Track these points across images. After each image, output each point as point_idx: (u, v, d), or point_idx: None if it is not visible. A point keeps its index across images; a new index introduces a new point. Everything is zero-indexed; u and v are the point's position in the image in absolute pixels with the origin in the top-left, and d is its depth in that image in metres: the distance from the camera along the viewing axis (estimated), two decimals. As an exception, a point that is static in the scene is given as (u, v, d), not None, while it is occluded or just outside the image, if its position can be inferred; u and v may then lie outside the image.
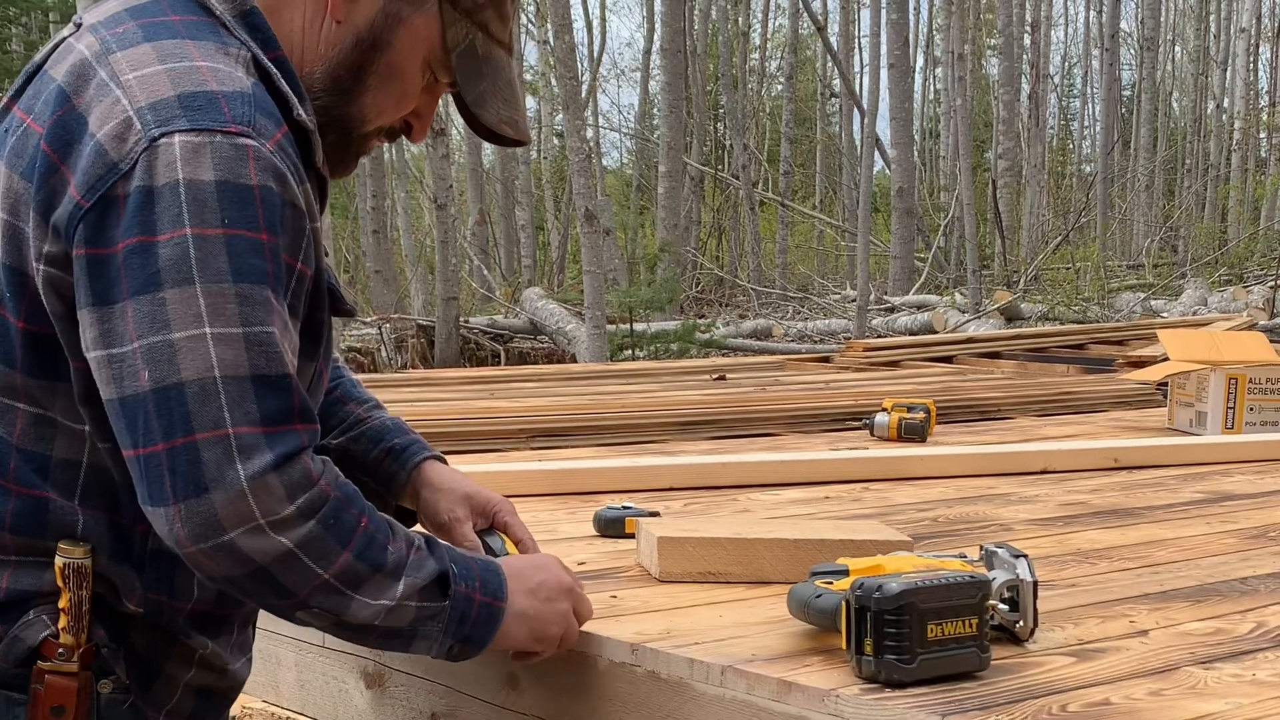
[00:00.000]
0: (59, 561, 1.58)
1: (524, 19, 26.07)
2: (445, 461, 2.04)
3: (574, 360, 13.47)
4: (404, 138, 1.84)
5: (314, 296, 1.63)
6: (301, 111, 1.61)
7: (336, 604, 1.56)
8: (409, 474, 2.00)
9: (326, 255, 1.70)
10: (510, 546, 1.94)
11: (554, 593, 1.78)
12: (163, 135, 1.47)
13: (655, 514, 2.70)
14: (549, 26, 24.15)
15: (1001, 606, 1.80)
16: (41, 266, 1.53)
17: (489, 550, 1.88)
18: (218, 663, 1.73)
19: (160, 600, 1.64)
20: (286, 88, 1.60)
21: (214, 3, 1.62)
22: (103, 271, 1.48)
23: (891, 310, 18.34)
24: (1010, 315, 16.59)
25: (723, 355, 13.93)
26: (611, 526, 2.67)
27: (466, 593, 1.65)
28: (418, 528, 1.90)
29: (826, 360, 8.24)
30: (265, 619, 2.44)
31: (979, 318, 16.14)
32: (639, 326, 14.35)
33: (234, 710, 3.79)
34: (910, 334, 15.69)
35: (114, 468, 1.59)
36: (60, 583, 1.58)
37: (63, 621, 1.58)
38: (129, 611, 1.63)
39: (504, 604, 1.69)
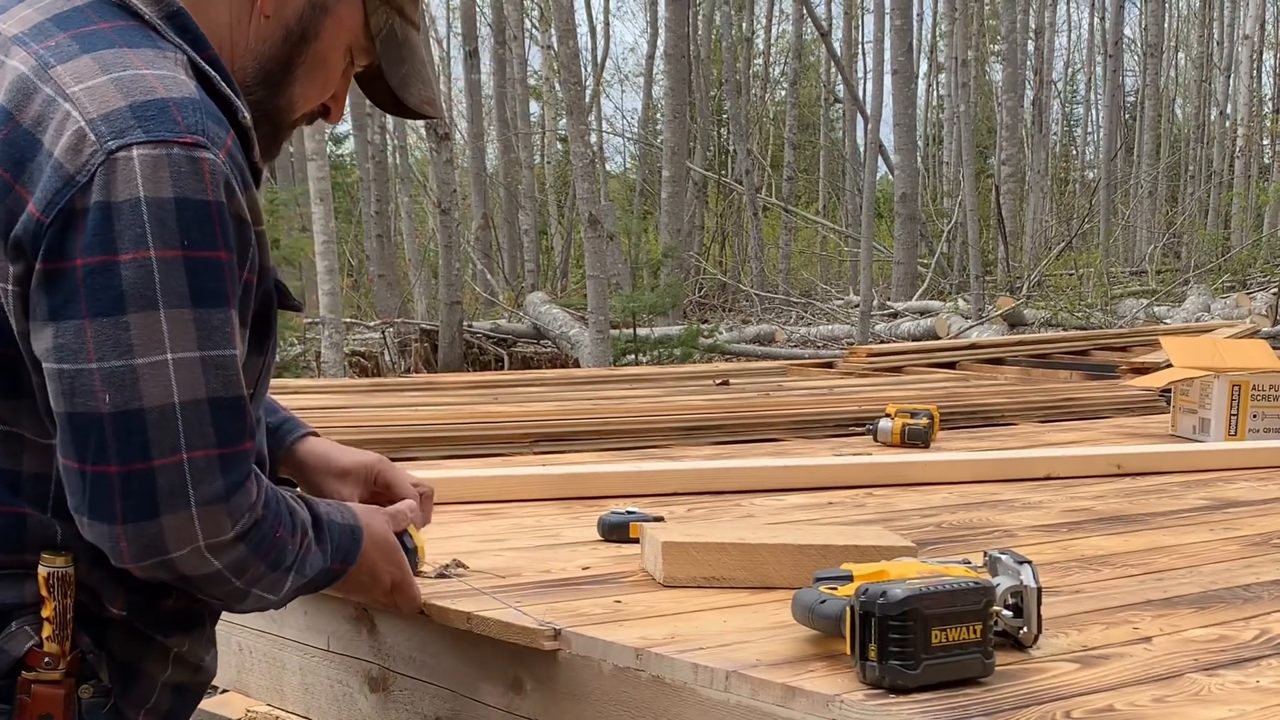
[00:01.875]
0: (43, 571, 1.59)
1: (528, 24, 26.11)
2: (318, 435, 2.12)
3: (577, 365, 13.47)
4: (322, 120, 1.87)
5: (262, 297, 1.66)
6: (246, 114, 1.63)
7: (237, 599, 1.66)
8: (284, 451, 2.06)
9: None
10: (418, 538, 2.04)
11: (382, 568, 1.91)
12: (120, 148, 1.47)
13: (659, 519, 2.70)
14: (553, 32, 24.18)
15: (1005, 613, 1.80)
16: (9, 286, 1.52)
17: (401, 544, 1.97)
18: (192, 659, 1.76)
19: (143, 600, 1.66)
20: (228, 90, 1.61)
21: (139, 6, 1.61)
22: (60, 286, 1.48)
23: (894, 316, 18.33)
24: (1013, 321, 16.58)
25: (725, 360, 13.92)
26: (615, 531, 2.67)
27: (331, 567, 1.77)
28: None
29: (830, 366, 8.24)
30: (269, 625, 2.45)
31: (982, 324, 16.14)
32: (642, 331, 14.35)
33: (238, 713, 3.79)
34: (913, 340, 15.69)
35: None
36: (45, 592, 1.59)
37: (47, 630, 1.59)
38: (111, 616, 1.65)
39: (348, 569, 1.81)
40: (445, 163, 15.63)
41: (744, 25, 29.70)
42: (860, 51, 33.03)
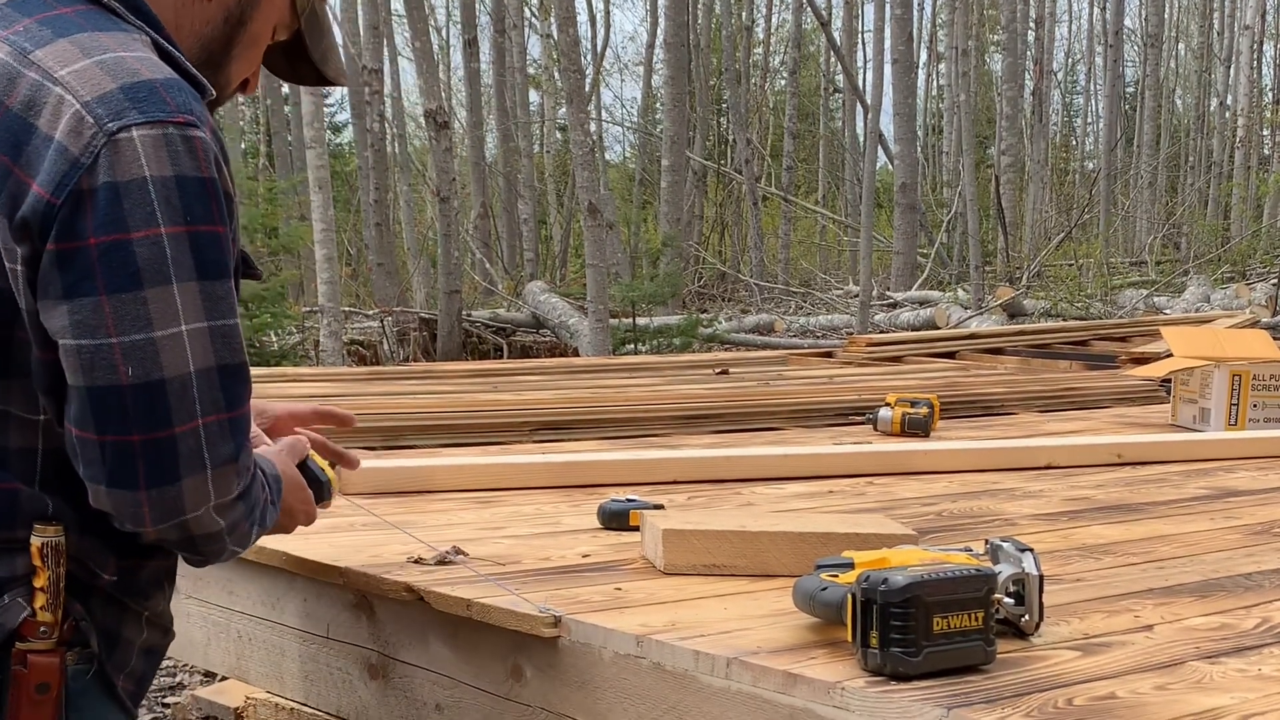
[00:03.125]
0: (36, 542, 1.61)
1: (527, 13, 26.06)
2: None
3: (576, 354, 13.46)
4: (240, 93, 1.92)
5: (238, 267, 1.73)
6: (212, 93, 1.69)
7: (217, 556, 1.72)
8: None
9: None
10: (329, 472, 2.08)
11: (296, 505, 1.97)
12: (120, 130, 1.51)
13: (659, 507, 2.70)
14: (553, 20, 24.13)
15: (1007, 600, 1.80)
16: (17, 267, 1.55)
17: (309, 473, 2.03)
18: (161, 622, 1.82)
19: (130, 565, 1.71)
20: (194, 70, 1.66)
21: None
22: (75, 265, 1.51)
23: (894, 306, 18.32)
24: (1013, 311, 16.58)
25: (725, 350, 13.92)
26: (616, 519, 2.67)
27: (272, 520, 1.82)
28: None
29: (829, 355, 8.24)
30: (269, 612, 2.44)
31: (981, 314, 16.13)
32: (641, 321, 14.33)
33: (237, 701, 3.79)
34: (913, 330, 15.68)
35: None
36: (39, 562, 1.61)
37: (40, 600, 1.61)
38: (101, 583, 1.69)
39: (279, 507, 1.84)
40: (444, 151, 15.60)
41: (744, 14, 29.66)
42: (860, 41, 32.96)
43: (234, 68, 1.81)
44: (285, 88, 21.51)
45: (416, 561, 2.29)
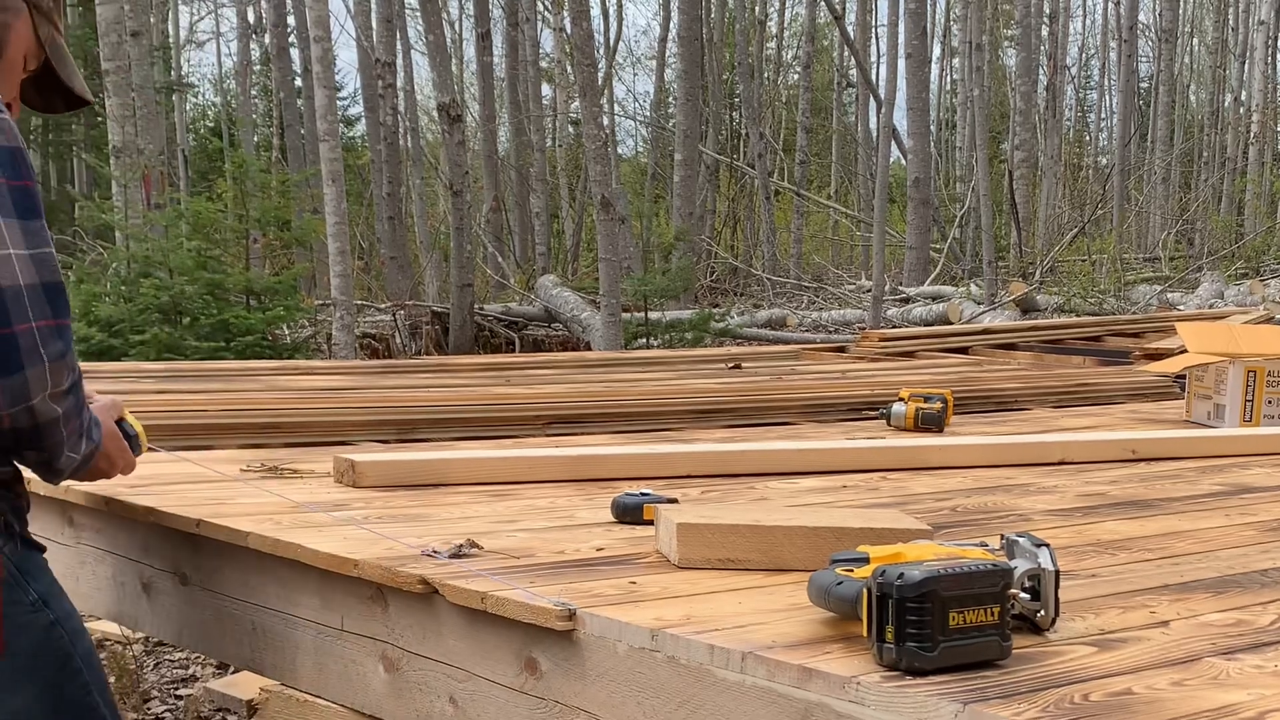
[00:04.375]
0: None
1: (541, 6, 26.02)
2: None
3: (588, 348, 13.46)
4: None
5: None
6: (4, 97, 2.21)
7: (57, 452, 2.12)
8: None
9: None
10: (138, 427, 2.47)
11: (114, 451, 2.37)
12: None
13: (673, 501, 2.69)
14: (566, 14, 24.10)
15: (1023, 595, 1.79)
16: None
17: (123, 428, 2.42)
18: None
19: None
20: None
21: None
22: None
23: (906, 301, 18.29)
24: (1026, 307, 16.54)
25: (737, 344, 13.91)
26: (630, 513, 2.67)
27: (97, 441, 2.23)
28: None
29: (842, 350, 8.23)
30: (284, 605, 2.45)
31: (994, 309, 16.10)
32: (653, 315, 14.32)
33: (249, 694, 3.79)
34: (925, 324, 15.65)
35: None
36: None
37: None
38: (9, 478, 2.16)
39: (97, 451, 2.24)
40: (457, 145, 15.60)
41: (757, 8, 29.62)
42: (874, 35, 32.91)
43: None
44: (298, 80, 21.53)
45: (431, 554, 2.29)
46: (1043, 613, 1.81)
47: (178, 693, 5.09)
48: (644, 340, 13.76)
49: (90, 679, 2.24)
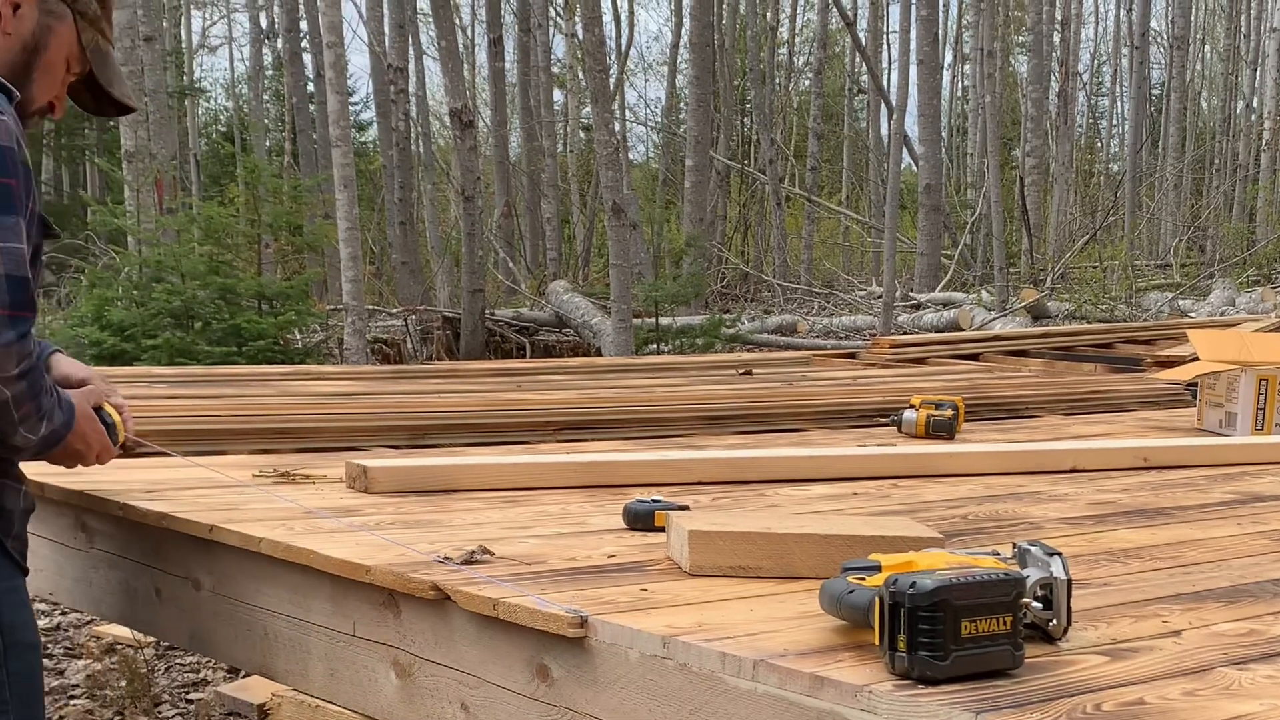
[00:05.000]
0: None
1: (552, 12, 26.04)
2: (63, 352, 2.77)
3: (599, 353, 13.46)
4: (50, 115, 2.52)
5: (32, 224, 2.28)
6: (18, 95, 2.34)
7: (11, 432, 2.26)
8: (42, 361, 2.61)
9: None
10: (115, 415, 2.59)
11: (90, 436, 2.50)
12: None
13: (685, 508, 2.70)
14: (578, 20, 24.12)
15: (1035, 604, 1.79)
16: None
17: (100, 419, 2.54)
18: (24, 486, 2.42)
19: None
20: (6, 83, 2.33)
21: None
22: None
23: (917, 307, 18.29)
24: (1037, 314, 16.54)
25: (747, 350, 13.91)
26: (641, 519, 2.67)
27: (61, 422, 2.36)
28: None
29: (852, 356, 8.22)
30: (295, 610, 2.45)
31: (1005, 315, 16.09)
32: (664, 320, 14.33)
33: (261, 698, 3.79)
34: (936, 331, 15.65)
35: None
36: None
37: None
38: None
39: (67, 435, 2.40)
40: (469, 150, 15.62)
41: (769, 14, 29.64)
42: (885, 42, 32.93)
43: (35, 88, 2.40)
44: (310, 85, 21.58)
45: (443, 560, 2.29)
46: (1055, 622, 1.81)
47: (189, 697, 5.10)
48: (655, 346, 13.77)
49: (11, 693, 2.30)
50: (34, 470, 3.06)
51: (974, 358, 8.06)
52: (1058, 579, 1.80)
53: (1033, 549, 1.88)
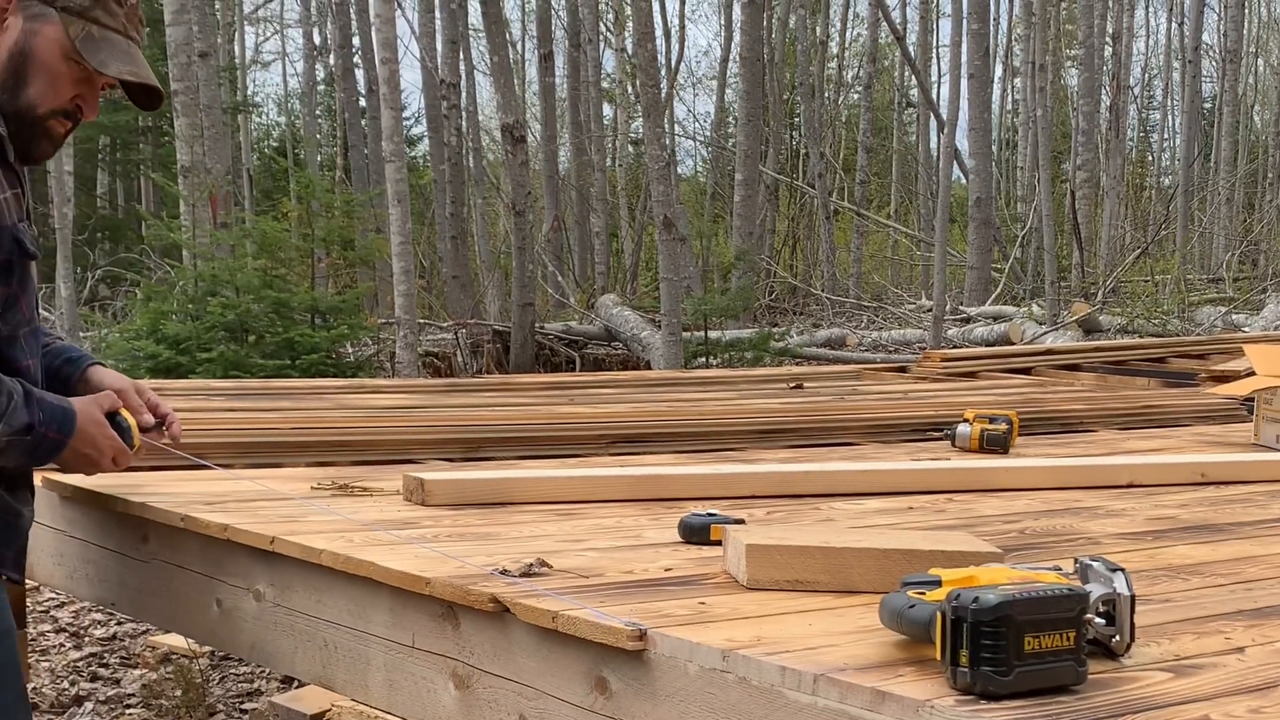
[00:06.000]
0: None
1: (602, 27, 26.12)
2: (104, 365, 2.84)
3: (649, 367, 13.47)
4: (81, 117, 2.55)
5: (9, 243, 2.38)
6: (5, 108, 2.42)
7: None
8: (79, 374, 2.77)
9: (22, 221, 2.47)
10: (130, 420, 2.63)
11: (101, 440, 2.57)
12: None
13: (740, 521, 2.70)
14: (627, 35, 24.18)
15: (1097, 620, 1.78)
16: None
17: (115, 423, 2.60)
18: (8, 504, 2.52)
19: None
20: None
21: None
22: None
23: (967, 321, 18.21)
24: (1088, 328, 16.43)
25: (796, 364, 13.88)
26: (697, 533, 2.67)
27: (43, 432, 2.44)
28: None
29: (903, 370, 8.19)
30: (355, 621, 2.47)
31: (1056, 330, 15.99)
32: (713, 334, 14.33)
33: (315, 707, 3.81)
34: (986, 345, 15.57)
35: None
36: None
37: None
38: None
39: (68, 439, 2.50)
40: (520, 165, 15.68)
41: (819, 29, 29.61)
42: (935, 55, 32.83)
43: (32, 91, 2.46)
44: (362, 100, 21.71)
45: (501, 573, 2.30)
46: (1117, 638, 1.80)
47: (243, 706, 5.14)
48: (704, 359, 13.76)
49: None
50: (97, 482, 3.11)
51: (1025, 372, 8.01)
52: (1121, 595, 1.79)
53: (1095, 564, 1.87)
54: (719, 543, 2.53)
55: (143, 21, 2.66)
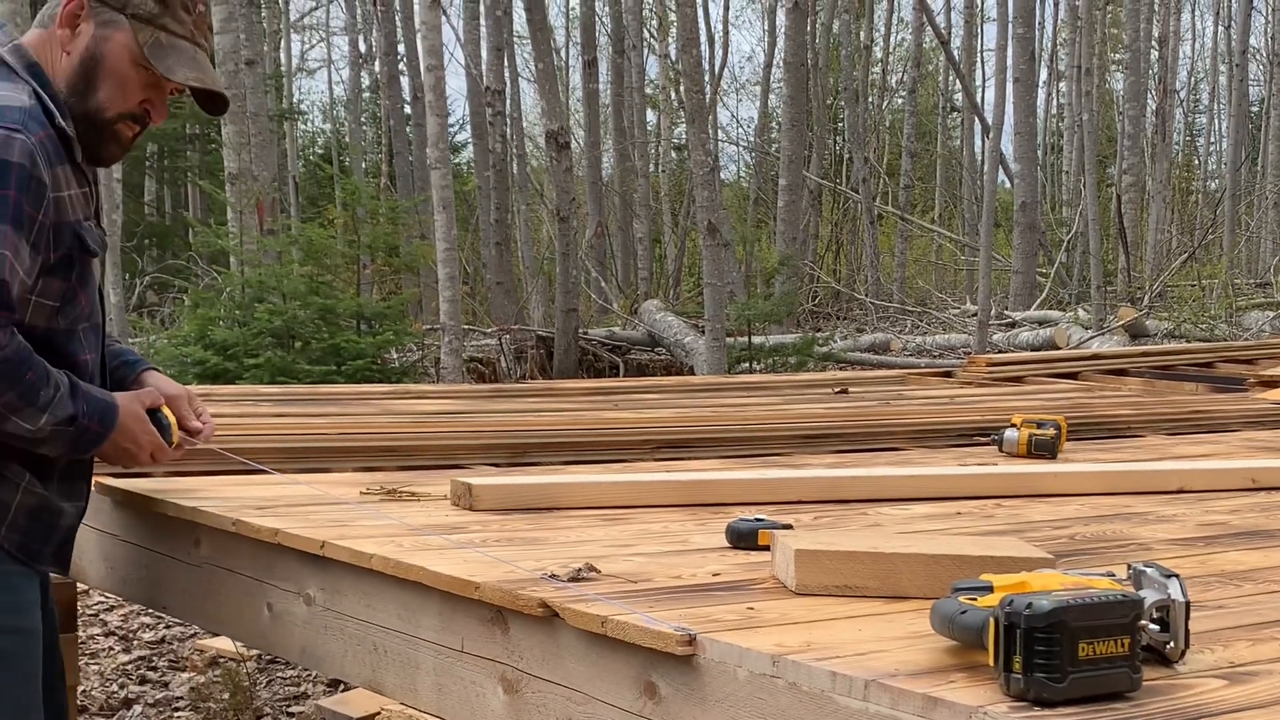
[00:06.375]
0: None
1: (646, 34, 26.16)
2: (160, 370, 2.94)
3: (692, 372, 13.47)
4: (149, 121, 2.66)
5: (57, 238, 2.48)
6: (61, 120, 2.52)
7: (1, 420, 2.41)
8: (135, 377, 2.85)
9: (88, 220, 2.59)
10: (171, 417, 2.75)
11: (140, 435, 2.67)
12: None
13: (788, 527, 2.69)
14: (671, 41, 24.20)
15: (1152, 627, 1.77)
16: None
17: (156, 420, 2.71)
18: (41, 491, 2.57)
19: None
20: (53, 106, 2.52)
21: (11, 61, 2.56)
22: None
23: (1012, 325, 18.12)
24: (1135, 332, 16.33)
25: (840, 369, 13.86)
26: (745, 538, 2.67)
27: (86, 424, 2.53)
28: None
29: (948, 375, 8.15)
30: (404, 626, 2.48)
31: (1103, 334, 15.90)
32: (756, 339, 14.31)
33: (361, 710, 3.83)
34: (1032, 350, 15.50)
35: None
36: None
37: None
38: None
39: (109, 432, 2.59)
40: (565, 171, 15.70)
41: (863, 33, 29.54)
42: (979, 59, 32.67)
43: (101, 95, 2.56)
44: (407, 107, 21.81)
45: (550, 578, 2.31)
46: (1172, 645, 1.79)
47: (289, 709, 5.17)
48: (747, 365, 13.75)
49: None
50: (149, 486, 3.13)
51: (1072, 376, 7.95)
52: (1175, 601, 1.78)
53: (1148, 570, 1.86)
54: (766, 548, 2.52)
55: (211, 29, 2.77)
